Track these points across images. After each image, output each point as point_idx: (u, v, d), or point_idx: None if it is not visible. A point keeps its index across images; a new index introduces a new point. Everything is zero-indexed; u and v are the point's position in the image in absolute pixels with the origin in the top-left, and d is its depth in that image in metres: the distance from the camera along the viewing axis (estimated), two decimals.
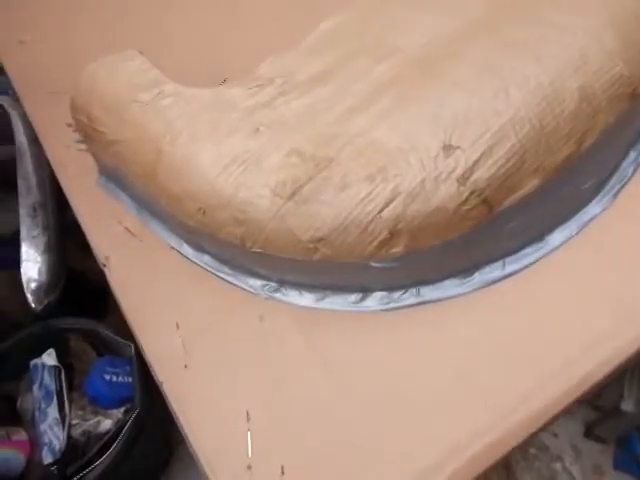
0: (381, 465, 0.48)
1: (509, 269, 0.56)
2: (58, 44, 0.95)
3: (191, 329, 0.60)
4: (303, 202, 0.50)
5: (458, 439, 0.48)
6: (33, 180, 0.83)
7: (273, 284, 0.60)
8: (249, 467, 0.50)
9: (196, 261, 0.64)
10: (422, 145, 0.49)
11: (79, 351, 0.90)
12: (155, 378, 0.60)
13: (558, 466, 0.93)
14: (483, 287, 0.56)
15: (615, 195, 0.61)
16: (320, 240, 0.51)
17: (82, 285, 0.93)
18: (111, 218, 0.71)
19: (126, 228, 0.69)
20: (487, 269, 0.56)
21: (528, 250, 0.56)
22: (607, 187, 0.61)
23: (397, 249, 0.51)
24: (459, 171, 0.48)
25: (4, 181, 1.09)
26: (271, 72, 0.57)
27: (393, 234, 0.49)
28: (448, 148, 0.49)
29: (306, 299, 0.59)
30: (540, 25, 0.55)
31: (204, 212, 0.54)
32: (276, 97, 0.55)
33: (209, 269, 0.63)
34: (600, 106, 0.53)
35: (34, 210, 0.81)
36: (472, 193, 0.49)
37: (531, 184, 0.51)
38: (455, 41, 0.54)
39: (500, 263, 0.56)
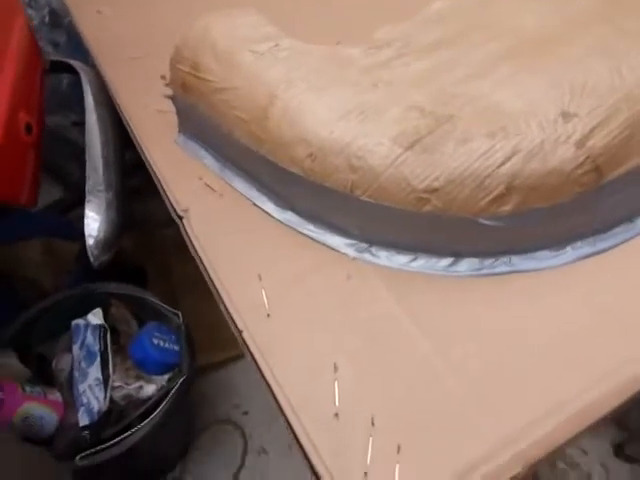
0: (470, 425, 0.48)
1: (599, 246, 0.58)
2: (134, 15, 0.98)
3: (274, 281, 0.59)
4: (423, 151, 0.52)
5: (549, 406, 0.48)
6: (98, 139, 0.83)
7: (362, 244, 0.60)
8: (336, 415, 0.49)
9: (278, 217, 0.65)
10: (541, 110, 0.52)
11: (120, 318, 0.87)
12: (233, 328, 0.59)
13: None
14: (575, 261, 0.57)
15: None
16: (435, 191, 0.52)
17: (123, 259, 0.92)
18: (190, 174, 0.71)
19: (206, 184, 0.70)
20: (579, 244, 0.58)
21: (617, 230, 0.58)
22: None
23: (507, 207, 0.52)
24: (577, 136, 0.51)
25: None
26: (388, 37, 0.60)
27: (508, 190, 0.51)
28: (566, 115, 0.52)
29: (396, 260, 0.59)
30: None
31: (315, 158, 0.55)
32: (394, 58, 0.58)
33: (292, 226, 0.64)
34: None
35: (99, 167, 0.80)
36: (587, 158, 0.51)
37: (637, 159, 0.53)
38: (568, 27, 0.58)
39: (591, 240, 0.58)
